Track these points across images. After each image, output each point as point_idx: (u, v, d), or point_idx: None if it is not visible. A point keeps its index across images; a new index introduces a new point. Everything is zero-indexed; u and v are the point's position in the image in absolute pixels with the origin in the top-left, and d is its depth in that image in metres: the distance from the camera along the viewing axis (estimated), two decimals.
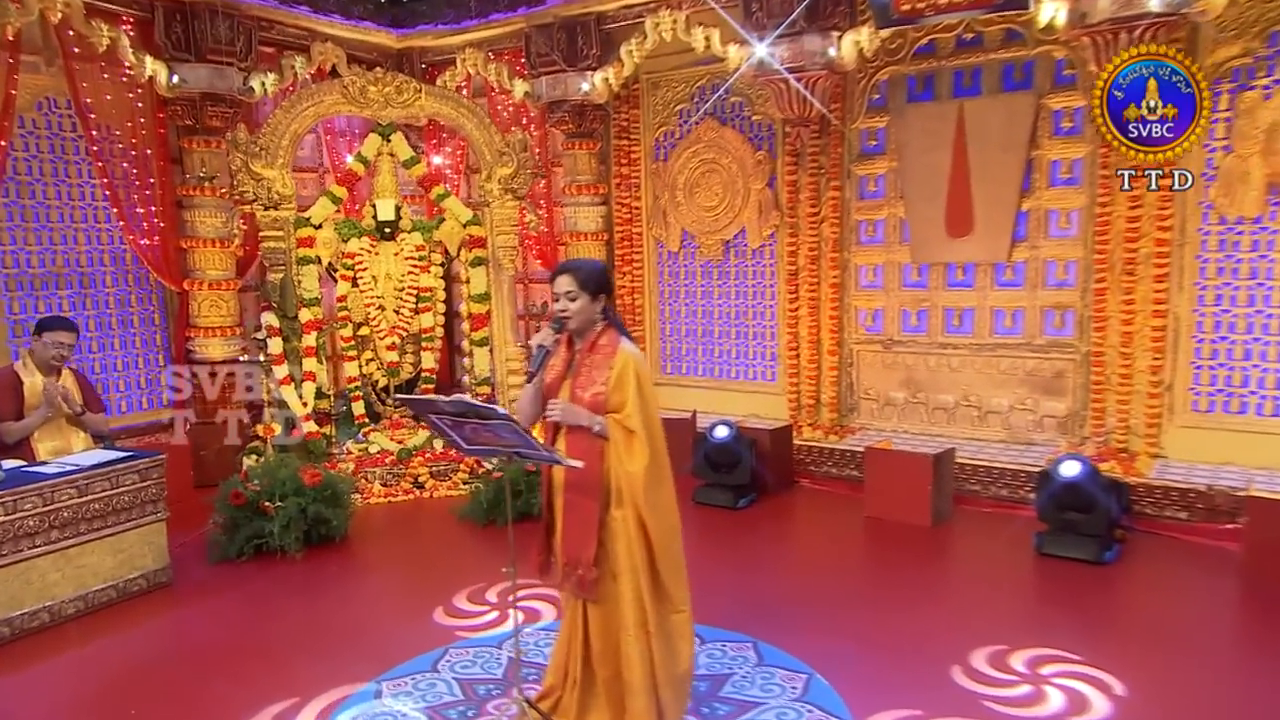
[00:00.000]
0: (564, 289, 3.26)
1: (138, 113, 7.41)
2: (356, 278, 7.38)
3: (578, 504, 3.25)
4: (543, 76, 8.10)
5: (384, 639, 4.50)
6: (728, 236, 7.92)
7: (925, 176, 6.90)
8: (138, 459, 5.14)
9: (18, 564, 4.56)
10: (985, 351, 6.87)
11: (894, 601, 4.91)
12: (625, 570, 3.21)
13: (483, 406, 3.10)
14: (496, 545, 5.64)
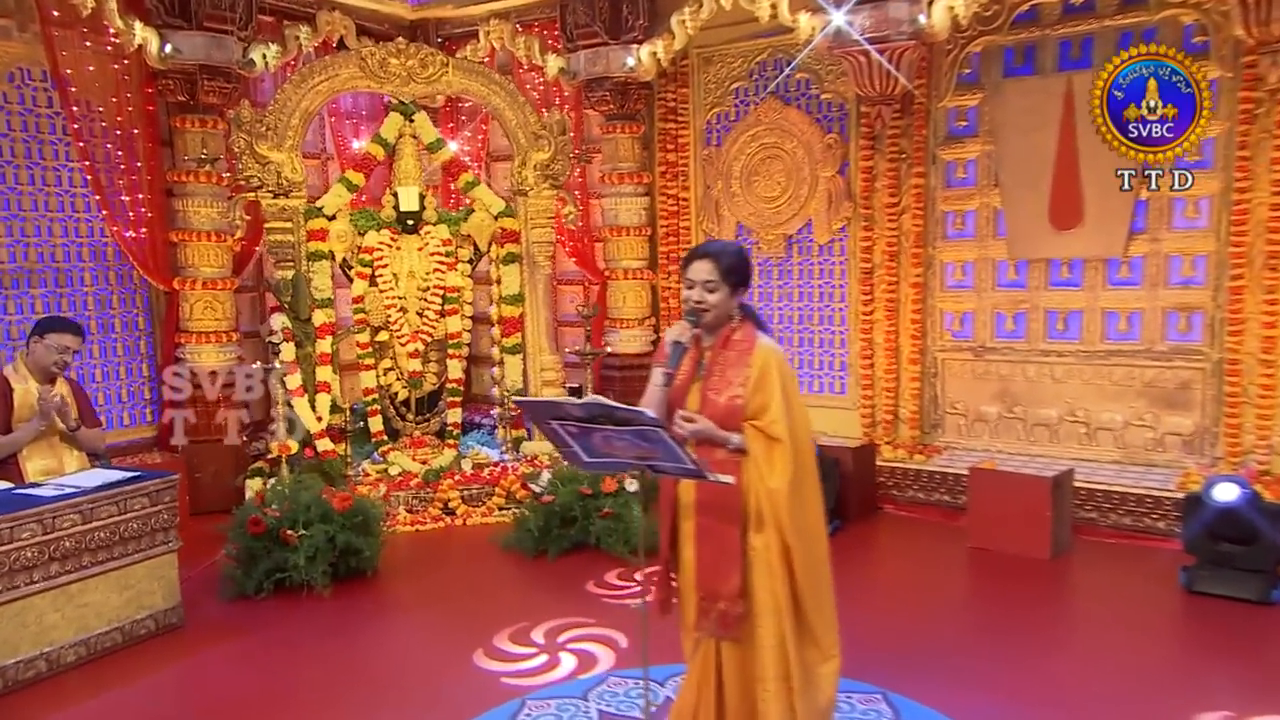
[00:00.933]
0: (702, 277, 2.84)
1: (124, 87, 6.70)
2: (375, 275, 6.68)
3: (714, 530, 2.87)
4: (580, 51, 7.45)
5: (434, 689, 3.97)
6: (791, 231, 7.27)
7: (1026, 161, 6.27)
8: (147, 480, 4.47)
9: (13, 603, 3.91)
10: (1096, 359, 6.24)
11: (1032, 647, 4.29)
12: (765, 610, 2.83)
13: (625, 409, 2.55)
14: (545, 579, 5.26)
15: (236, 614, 4.79)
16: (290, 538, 4.92)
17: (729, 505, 2.80)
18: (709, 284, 2.81)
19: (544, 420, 2.74)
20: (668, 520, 2.96)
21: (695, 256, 2.90)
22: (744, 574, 2.81)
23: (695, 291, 2.83)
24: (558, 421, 2.67)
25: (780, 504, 2.74)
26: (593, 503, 5.46)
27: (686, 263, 2.92)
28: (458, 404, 6.99)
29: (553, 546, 5.44)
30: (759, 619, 2.81)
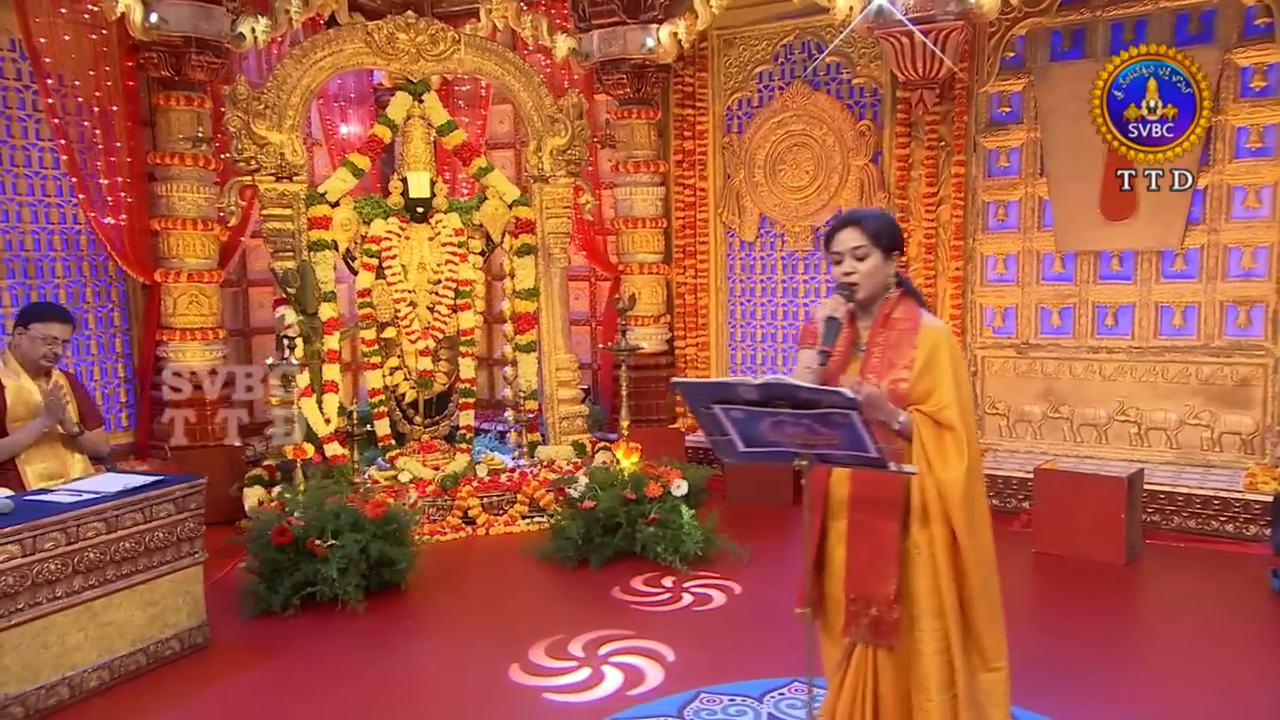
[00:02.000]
0: (850, 244, 2.65)
1: (102, 59, 6.28)
2: (383, 267, 6.36)
3: (869, 526, 2.67)
4: (595, 31, 7.23)
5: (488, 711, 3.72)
6: (819, 223, 7.11)
7: (1076, 149, 6.20)
8: (172, 484, 4.11)
9: (35, 621, 3.54)
10: (1149, 356, 6.19)
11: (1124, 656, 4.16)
12: (928, 613, 2.62)
13: (813, 389, 2.33)
14: (589, 589, 5.02)
15: (264, 633, 4.44)
16: (319, 548, 4.59)
17: (889, 500, 2.60)
18: (858, 250, 2.61)
19: (703, 404, 2.50)
20: (818, 519, 2.73)
21: (838, 227, 2.70)
22: (902, 576, 2.61)
23: (844, 263, 2.64)
24: (721, 405, 2.44)
25: (953, 497, 2.54)
26: (637, 508, 5.21)
27: (829, 237, 2.72)
28: (470, 405, 6.68)
29: (595, 555, 5.17)
30: (920, 623, 2.61)
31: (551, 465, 6.39)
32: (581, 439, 6.71)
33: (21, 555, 3.51)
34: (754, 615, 4.66)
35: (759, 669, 3.86)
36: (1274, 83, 5.75)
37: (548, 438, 6.73)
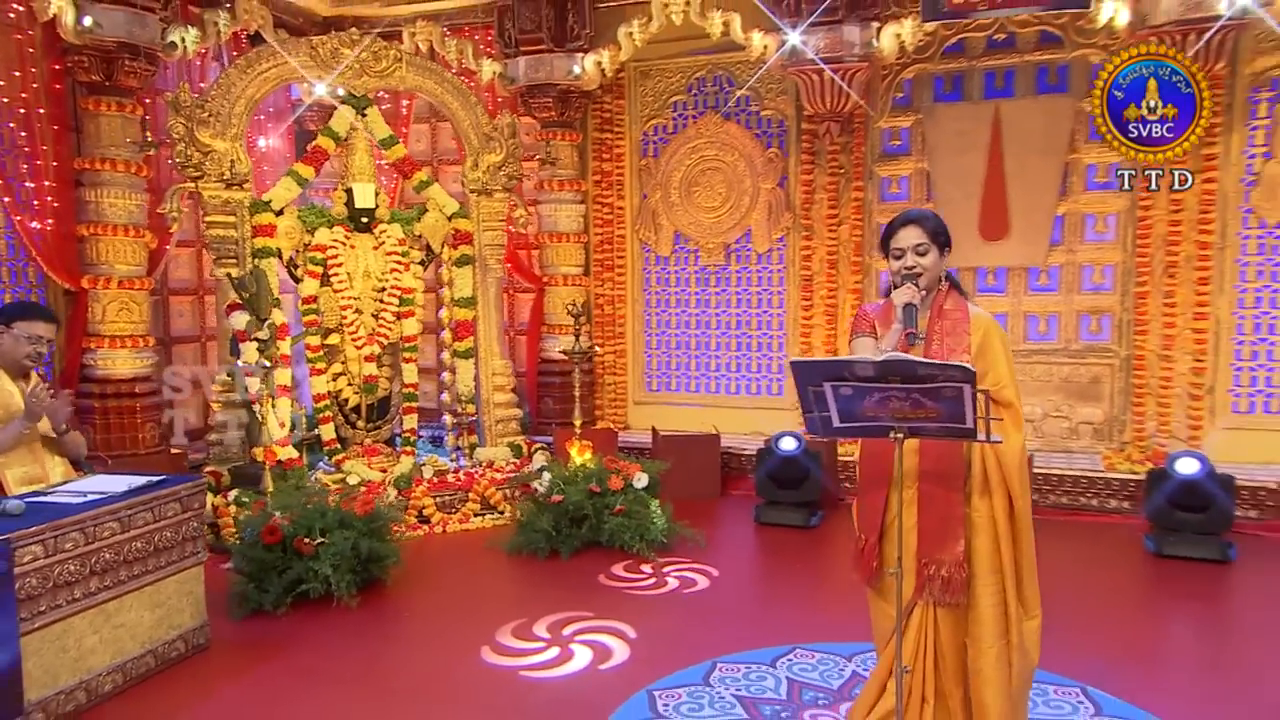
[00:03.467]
0: (913, 242, 2.81)
1: (27, 61, 5.85)
2: (329, 274, 6.18)
3: (937, 496, 2.79)
4: (521, 56, 7.28)
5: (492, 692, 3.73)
6: (730, 240, 7.41)
7: (958, 178, 6.76)
8: (175, 484, 3.89)
9: (55, 625, 3.31)
10: (1018, 358, 6.74)
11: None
12: (987, 570, 2.76)
13: (930, 364, 2.46)
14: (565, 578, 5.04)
15: (260, 631, 4.25)
16: (307, 547, 4.44)
17: (954, 472, 2.76)
18: (919, 247, 2.79)
19: (814, 381, 2.58)
20: (882, 491, 2.85)
21: (899, 225, 2.85)
22: (967, 538, 2.77)
23: (907, 258, 2.80)
24: (832, 383, 2.58)
25: (1011, 467, 2.73)
26: (601, 501, 5.29)
27: (889, 233, 2.87)
28: (414, 409, 6.56)
29: (564, 546, 5.21)
30: (979, 580, 2.76)
31: (491, 465, 6.36)
32: (517, 440, 6.71)
33: (44, 556, 3.29)
34: (739, 594, 4.87)
35: (761, 640, 4.03)
36: None
37: (484, 440, 6.69)
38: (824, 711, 3.35)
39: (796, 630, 4.14)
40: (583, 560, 5.20)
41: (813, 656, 3.79)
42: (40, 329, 4.05)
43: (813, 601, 4.80)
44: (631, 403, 7.84)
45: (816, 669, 3.67)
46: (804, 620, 4.38)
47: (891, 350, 2.73)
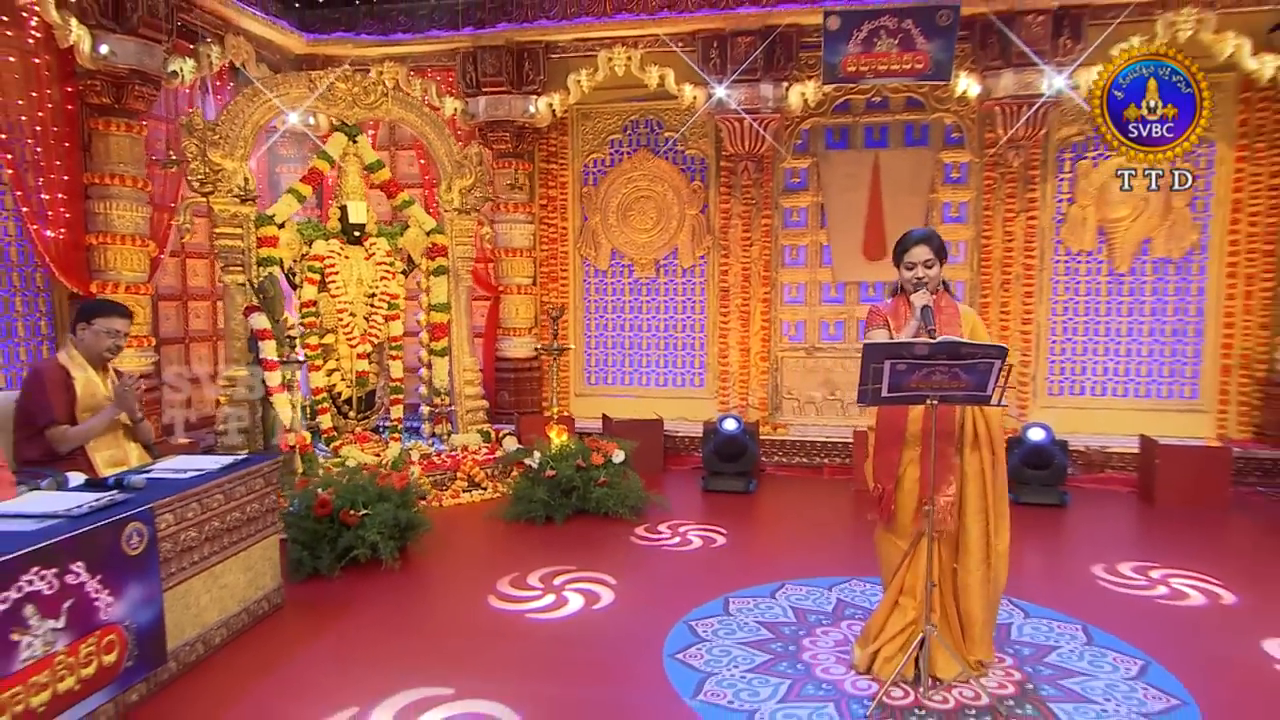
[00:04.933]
0: (923, 257, 3.23)
1: (43, 84, 5.60)
2: (326, 281, 6.20)
3: (941, 450, 3.13)
4: (482, 96, 7.46)
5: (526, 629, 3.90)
6: (659, 257, 7.84)
7: (846, 211, 7.43)
8: (259, 462, 3.93)
9: (180, 585, 3.36)
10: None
11: None
12: (976, 510, 3.15)
13: (973, 344, 2.85)
14: (564, 540, 5.25)
15: (319, 592, 4.29)
16: (352, 518, 4.55)
17: (951, 432, 3.14)
18: (928, 261, 3.18)
19: (877, 360, 2.89)
20: (896, 450, 3.22)
21: (911, 243, 3.21)
22: (960, 484, 3.14)
23: (918, 269, 3.19)
24: (892, 361, 2.89)
25: (995, 429, 3.16)
26: (587, 474, 5.59)
27: (903, 249, 3.22)
28: (400, 401, 6.65)
29: (558, 514, 5.46)
30: (969, 517, 3.15)
31: (466, 449, 6.53)
32: (485, 428, 6.90)
33: (174, 524, 3.35)
34: (754, 547, 5.20)
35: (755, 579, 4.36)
36: (964, 174, 7.31)
37: (457, 427, 6.84)
38: (830, 628, 3.71)
39: (777, 570, 4.53)
40: (574, 524, 5.45)
41: (801, 589, 4.18)
42: (118, 324, 4.03)
43: (778, 547, 5.25)
44: (574, 394, 8.13)
45: (809, 598, 4.06)
46: (780, 561, 4.79)
47: (907, 340, 3.19)
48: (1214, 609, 4.11)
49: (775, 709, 2.95)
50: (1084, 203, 7.17)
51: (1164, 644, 3.54)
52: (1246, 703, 3.09)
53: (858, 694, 3.07)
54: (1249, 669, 3.39)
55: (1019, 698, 3.03)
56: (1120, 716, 2.91)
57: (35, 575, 2.64)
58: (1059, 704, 3.00)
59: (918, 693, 3.01)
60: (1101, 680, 3.18)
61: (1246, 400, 7.12)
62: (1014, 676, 3.21)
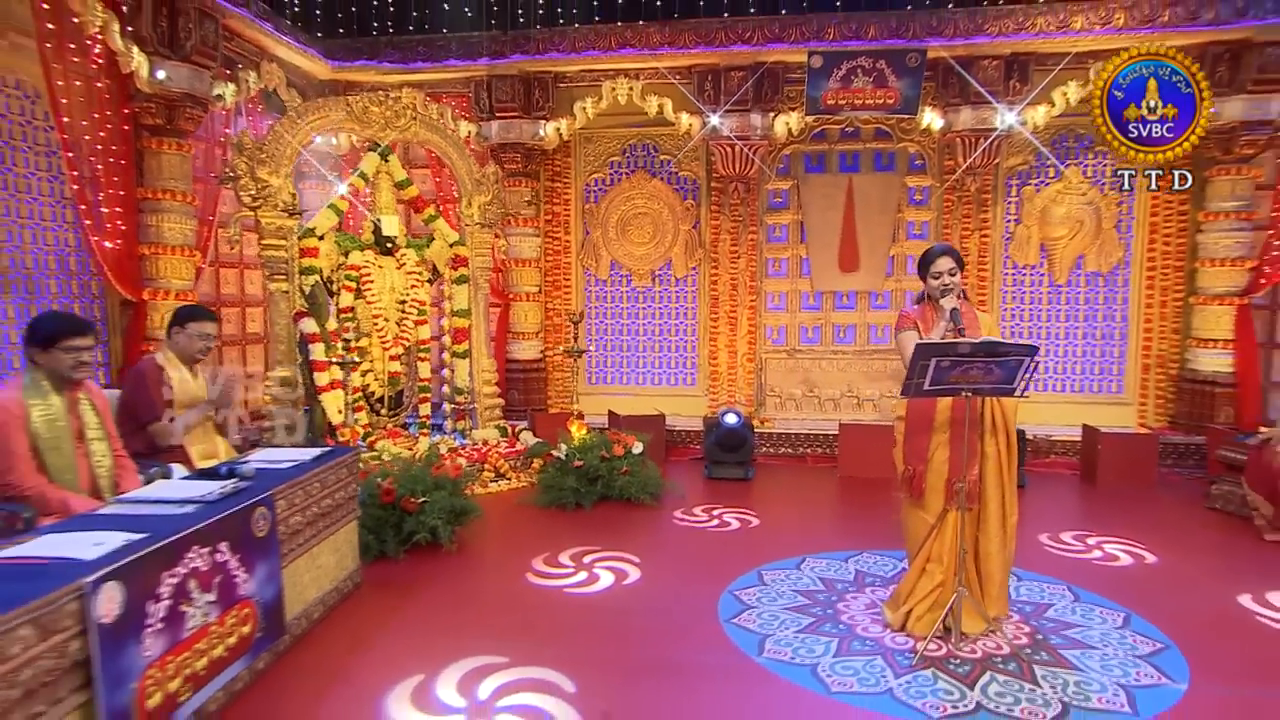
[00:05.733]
0: (947, 267, 3.48)
1: (104, 106, 5.57)
2: (362, 289, 6.27)
3: (962, 436, 3.30)
4: (495, 120, 7.60)
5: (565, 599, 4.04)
6: (655, 268, 8.07)
7: (823, 229, 7.77)
8: (341, 454, 4.03)
9: (290, 565, 3.46)
10: (864, 356, 7.89)
11: None
12: (993, 486, 3.38)
13: (1010, 344, 3.05)
14: (592, 522, 5.41)
15: (388, 572, 4.36)
16: (412, 505, 4.66)
17: (974, 420, 3.30)
18: (952, 270, 3.44)
19: (925, 358, 3.06)
20: (926, 436, 3.43)
21: (935, 256, 3.46)
22: (980, 465, 3.34)
23: (943, 278, 3.43)
24: (937, 358, 3.05)
25: (1010, 415, 3.39)
26: (611, 464, 5.78)
27: (929, 261, 3.48)
28: (428, 399, 6.74)
29: (585, 500, 5.63)
30: (988, 493, 3.38)
31: (486, 443, 6.66)
32: (502, 424, 7.03)
33: (287, 509, 3.46)
34: (768, 527, 5.31)
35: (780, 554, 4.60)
36: (926, 197, 7.70)
37: (476, 423, 6.96)
38: (857, 594, 3.93)
39: (795, 546, 4.74)
40: (601, 509, 5.61)
41: (821, 562, 4.41)
42: (208, 328, 4.11)
43: (790, 526, 5.38)
44: (574, 393, 8.27)
45: (830, 569, 4.30)
46: (796, 538, 4.96)
47: (939, 339, 3.36)
48: (1139, 567, 4.51)
49: (833, 662, 3.21)
50: (1028, 223, 7.63)
51: (1137, 600, 3.91)
52: (1216, 643, 3.45)
53: (898, 648, 3.34)
54: (1215, 616, 3.76)
55: (1034, 646, 3.34)
56: (1119, 658, 3.24)
57: (196, 553, 2.75)
58: (1067, 650, 3.31)
59: (949, 645, 3.30)
60: (1095, 630, 3.52)
61: (1162, 394, 7.67)
62: (1024, 629, 3.52)
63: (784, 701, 2.93)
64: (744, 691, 3.01)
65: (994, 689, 2.96)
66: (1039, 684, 3.00)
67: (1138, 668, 3.17)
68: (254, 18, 6.39)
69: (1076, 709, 2.82)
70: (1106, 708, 2.85)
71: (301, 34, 7.25)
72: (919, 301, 3.67)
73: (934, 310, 3.55)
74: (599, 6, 7.57)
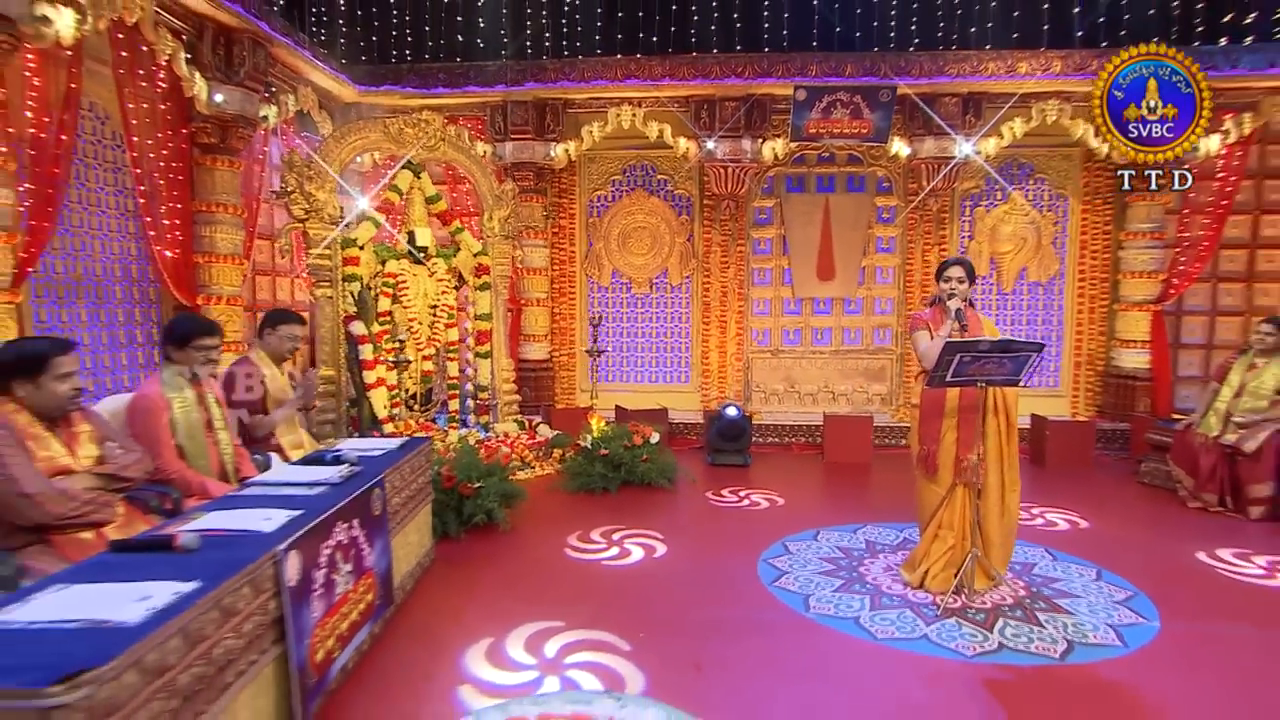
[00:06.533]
0: (958, 275, 3.77)
1: (166, 126, 5.60)
2: (398, 295, 6.40)
3: (970, 419, 3.61)
4: (510, 141, 7.77)
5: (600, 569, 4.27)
6: (653, 276, 8.34)
7: (803, 242, 8.14)
8: (419, 443, 4.20)
9: (391, 540, 3.59)
10: (839, 356, 8.29)
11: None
12: (994, 461, 3.64)
13: (1022, 342, 3.30)
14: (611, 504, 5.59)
15: (451, 550, 4.49)
16: (468, 489, 4.84)
17: (979, 405, 3.54)
18: (961, 279, 3.72)
19: (951, 353, 3.31)
20: (939, 419, 3.72)
21: (950, 265, 3.74)
22: (983, 445, 3.60)
23: (953, 283, 3.71)
24: (961, 354, 3.30)
25: (1011, 401, 3.67)
26: (632, 452, 6.02)
27: (944, 269, 3.75)
28: (456, 395, 6.88)
29: (611, 484, 5.85)
30: (990, 468, 3.63)
31: (507, 435, 6.84)
32: (519, 418, 7.22)
33: (391, 492, 3.62)
34: (779, 505, 5.57)
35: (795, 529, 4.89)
36: (892, 215, 8.13)
37: (496, 417, 7.13)
38: (872, 560, 4.23)
39: (807, 521, 5.03)
40: (625, 493, 5.80)
41: (834, 534, 4.70)
42: (297, 330, 4.25)
43: (798, 504, 5.58)
44: (579, 390, 8.52)
45: (844, 540, 4.60)
46: (806, 515, 5.23)
47: (947, 338, 3.65)
48: (1075, 531, 4.98)
49: (871, 614, 3.53)
50: (980, 239, 8.13)
51: (1103, 557, 4.34)
52: (1174, 590, 3.87)
53: (920, 602, 3.68)
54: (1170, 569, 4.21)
55: (1032, 597, 3.72)
56: (1101, 605, 3.65)
57: (340, 528, 2.93)
58: (1059, 599, 3.71)
59: (963, 599, 3.65)
60: (1077, 583, 3.93)
61: (1091, 388, 8.25)
62: (1020, 584, 3.90)
63: (841, 647, 3.24)
64: (804, 640, 3.31)
65: (1009, 631, 3.33)
66: (1044, 626, 3.38)
67: (1118, 611, 3.58)
68: (296, 45, 6.45)
69: (1080, 644, 3.20)
70: (1103, 642, 3.24)
71: (332, 60, 7.31)
72: (932, 305, 3.99)
73: (943, 312, 3.86)
74: (607, 41, 7.82)
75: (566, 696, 2.47)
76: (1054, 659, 3.10)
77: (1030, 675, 2.99)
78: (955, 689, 2.87)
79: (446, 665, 3.15)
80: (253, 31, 5.85)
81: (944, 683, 2.91)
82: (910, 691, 2.85)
